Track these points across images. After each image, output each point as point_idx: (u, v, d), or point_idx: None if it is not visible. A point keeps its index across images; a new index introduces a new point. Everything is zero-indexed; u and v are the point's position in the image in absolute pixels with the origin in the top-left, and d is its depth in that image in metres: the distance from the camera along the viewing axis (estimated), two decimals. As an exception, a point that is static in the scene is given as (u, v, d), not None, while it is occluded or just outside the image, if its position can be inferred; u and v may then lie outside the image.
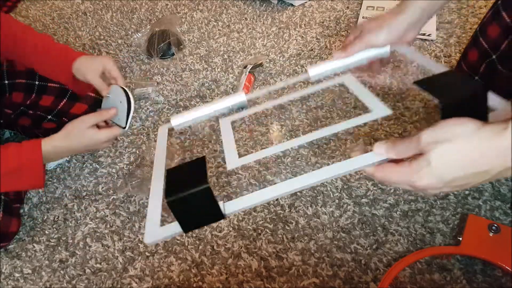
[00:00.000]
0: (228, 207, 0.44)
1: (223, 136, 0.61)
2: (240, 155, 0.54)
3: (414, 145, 0.39)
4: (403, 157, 0.41)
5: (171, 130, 0.64)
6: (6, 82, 0.94)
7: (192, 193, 0.40)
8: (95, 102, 1.05)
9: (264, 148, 0.58)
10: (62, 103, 1.01)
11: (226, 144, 0.59)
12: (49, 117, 1.01)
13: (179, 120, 0.62)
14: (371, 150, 0.44)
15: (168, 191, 0.41)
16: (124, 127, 0.84)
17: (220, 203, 0.43)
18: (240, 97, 0.61)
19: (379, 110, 0.54)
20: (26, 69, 0.96)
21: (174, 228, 0.43)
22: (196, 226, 0.43)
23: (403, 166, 0.40)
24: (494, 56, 0.78)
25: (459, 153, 0.36)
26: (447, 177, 0.37)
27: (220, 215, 0.43)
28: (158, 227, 0.45)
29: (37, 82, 0.98)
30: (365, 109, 0.55)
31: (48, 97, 0.99)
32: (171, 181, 0.42)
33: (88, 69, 0.86)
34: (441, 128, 0.38)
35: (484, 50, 0.79)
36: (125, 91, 0.83)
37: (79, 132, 0.81)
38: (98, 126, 0.84)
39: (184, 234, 0.89)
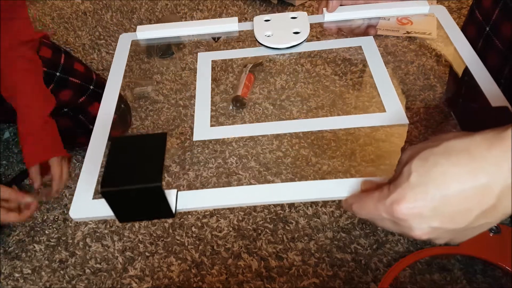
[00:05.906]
0: (182, 201, 0.36)
1: (198, 84, 0.47)
2: (212, 124, 0.41)
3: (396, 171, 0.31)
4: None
5: (134, 41, 0.51)
6: None
7: (137, 188, 0.31)
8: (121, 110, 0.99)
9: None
10: (81, 100, 0.96)
11: (199, 103, 0.44)
12: (65, 109, 0.96)
13: (146, 33, 0.50)
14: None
15: (107, 178, 0.31)
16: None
17: (173, 193, 0.35)
18: (231, 24, 0.48)
19: (395, 114, 0.41)
20: (48, 58, 0.90)
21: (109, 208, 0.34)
22: (136, 219, 0.36)
23: (380, 189, 0.31)
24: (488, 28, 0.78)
25: (450, 155, 0.28)
26: (435, 193, 0.28)
27: (168, 213, 0.34)
28: (90, 200, 0.36)
29: (58, 74, 0.92)
30: (374, 106, 0.49)
31: (67, 91, 0.94)
32: (112, 161, 0.33)
33: None
34: (424, 141, 0.30)
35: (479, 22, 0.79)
36: None
37: None
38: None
39: (184, 234, 0.89)
